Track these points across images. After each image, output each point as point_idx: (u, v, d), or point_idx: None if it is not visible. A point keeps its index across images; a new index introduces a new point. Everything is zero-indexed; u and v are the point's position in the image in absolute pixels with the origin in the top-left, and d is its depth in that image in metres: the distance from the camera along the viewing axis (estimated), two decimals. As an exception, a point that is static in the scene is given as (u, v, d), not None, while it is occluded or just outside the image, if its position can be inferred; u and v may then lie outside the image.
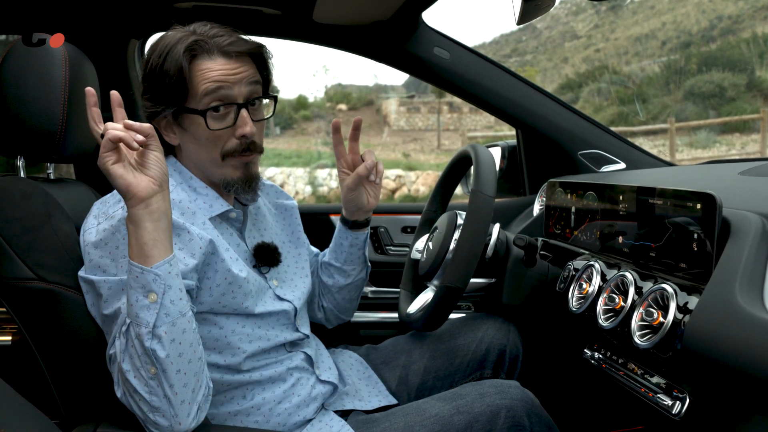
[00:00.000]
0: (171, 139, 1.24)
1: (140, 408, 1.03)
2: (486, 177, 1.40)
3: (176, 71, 1.16)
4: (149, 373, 1.01)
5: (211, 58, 1.18)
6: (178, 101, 1.19)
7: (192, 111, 1.19)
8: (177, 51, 1.17)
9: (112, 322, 1.10)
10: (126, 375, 1.02)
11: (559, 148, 2.09)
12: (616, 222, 1.27)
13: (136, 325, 1.01)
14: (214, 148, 1.22)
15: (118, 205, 1.15)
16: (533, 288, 1.53)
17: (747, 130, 18.12)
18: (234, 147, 1.23)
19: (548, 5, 1.36)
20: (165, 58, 1.17)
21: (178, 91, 1.18)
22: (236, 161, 1.24)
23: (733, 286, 0.93)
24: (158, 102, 1.20)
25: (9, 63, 1.25)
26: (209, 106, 1.19)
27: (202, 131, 1.20)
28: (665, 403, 1.07)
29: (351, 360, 1.56)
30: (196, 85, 1.18)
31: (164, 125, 1.23)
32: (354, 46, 2.06)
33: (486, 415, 1.23)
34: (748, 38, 25.18)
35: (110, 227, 1.12)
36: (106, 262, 1.11)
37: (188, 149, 1.25)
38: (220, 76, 1.18)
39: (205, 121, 1.19)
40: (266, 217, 1.42)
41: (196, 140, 1.22)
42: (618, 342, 1.19)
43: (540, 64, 34.87)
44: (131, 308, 1.02)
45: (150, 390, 1.01)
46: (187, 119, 1.21)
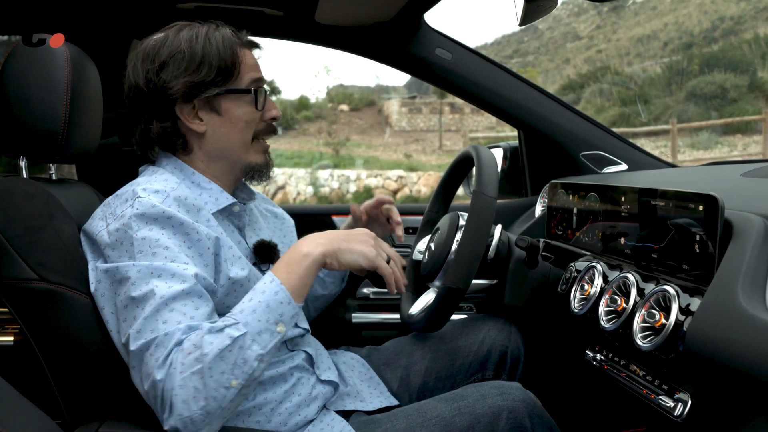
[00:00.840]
0: (197, 126, 1.26)
1: (184, 403, 1.00)
2: (488, 178, 1.40)
3: (229, 54, 1.24)
4: (229, 383, 1.02)
5: (243, 48, 1.29)
6: (224, 81, 1.25)
7: (241, 91, 1.26)
8: (223, 35, 1.25)
9: (137, 306, 1.07)
10: (196, 371, 1.00)
11: (560, 149, 2.09)
12: (618, 223, 1.27)
13: (252, 341, 1.04)
14: (248, 131, 1.30)
15: (126, 205, 1.15)
16: (535, 289, 1.53)
17: (749, 132, 18.10)
18: (263, 129, 1.33)
19: (550, 6, 1.36)
20: (207, 42, 1.23)
21: (227, 72, 1.24)
22: (260, 145, 1.34)
23: (735, 288, 0.93)
24: (202, 84, 1.22)
25: (11, 63, 1.26)
26: (254, 88, 1.28)
27: (244, 112, 1.28)
28: (667, 405, 1.07)
29: (352, 361, 1.56)
30: (242, 70, 1.27)
31: (190, 111, 1.25)
32: (356, 46, 2.06)
33: (488, 417, 1.23)
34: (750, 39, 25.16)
35: (121, 226, 1.13)
36: (125, 261, 1.12)
37: (218, 134, 1.28)
38: (255, 63, 1.31)
39: (255, 100, 1.28)
40: (259, 219, 1.45)
41: (233, 123, 1.28)
42: (620, 343, 1.19)
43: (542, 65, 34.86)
44: (258, 324, 1.06)
45: (216, 396, 1.01)
46: (225, 102, 1.26)
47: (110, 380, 1.17)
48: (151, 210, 1.13)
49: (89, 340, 1.16)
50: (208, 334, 1.02)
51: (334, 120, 25.16)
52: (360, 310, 2.17)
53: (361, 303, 2.18)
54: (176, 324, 1.05)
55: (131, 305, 1.09)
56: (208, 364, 1.00)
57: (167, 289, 1.07)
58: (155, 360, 1.03)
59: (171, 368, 1.02)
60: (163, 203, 1.14)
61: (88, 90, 1.34)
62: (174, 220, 1.13)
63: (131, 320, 1.08)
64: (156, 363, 1.03)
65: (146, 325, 1.06)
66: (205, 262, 1.16)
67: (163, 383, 1.02)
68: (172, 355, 1.03)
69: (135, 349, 1.05)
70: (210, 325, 1.04)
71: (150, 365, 1.04)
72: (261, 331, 1.06)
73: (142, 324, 1.06)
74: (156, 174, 1.25)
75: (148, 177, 1.25)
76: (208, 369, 1.00)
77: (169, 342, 1.04)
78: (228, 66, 1.24)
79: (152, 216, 1.12)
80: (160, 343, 1.04)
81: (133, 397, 1.16)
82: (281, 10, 1.89)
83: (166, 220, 1.13)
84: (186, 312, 1.07)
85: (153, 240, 1.11)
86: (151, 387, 1.03)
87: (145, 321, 1.06)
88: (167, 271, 1.09)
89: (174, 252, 1.11)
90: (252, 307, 1.08)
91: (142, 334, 1.05)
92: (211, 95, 1.24)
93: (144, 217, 1.12)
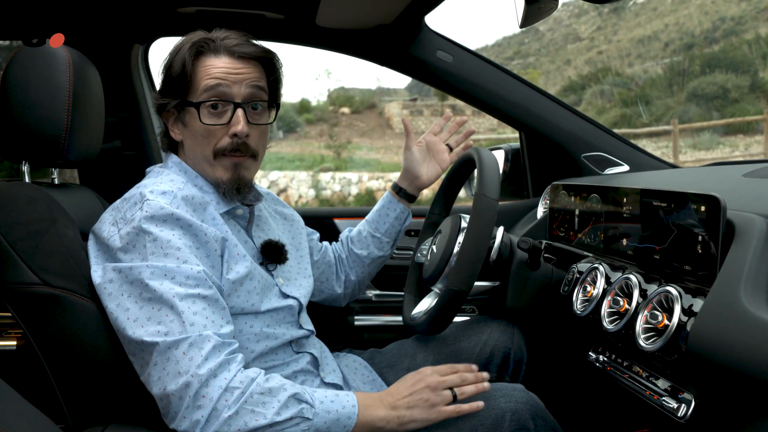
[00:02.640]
0: (175, 135, 1.31)
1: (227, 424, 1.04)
2: (489, 180, 1.40)
3: (181, 65, 1.24)
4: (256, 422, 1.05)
5: (216, 57, 1.26)
6: (181, 95, 1.26)
7: (189, 104, 1.25)
8: (185, 47, 1.25)
9: (155, 306, 1.09)
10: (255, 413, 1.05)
11: (562, 151, 2.09)
12: (620, 224, 1.27)
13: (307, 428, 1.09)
14: (207, 145, 1.26)
15: (135, 208, 1.17)
16: (537, 291, 1.53)
17: (750, 132, 18.07)
18: (225, 146, 1.26)
19: (551, 8, 1.36)
20: (175, 54, 1.26)
21: (181, 84, 1.25)
22: (227, 161, 1.27)
23: (737, 289, 0.93)
24: (165, 95, 1.28)
25: (13, 68, 1.26)
26: (204, 101, 1.24)
27: (198, 125, 1.25)
28: (670, 406, 1.07)
29: (355, 364, 1.56)
30: (198, 81, 1.25)
31: (171, 121, 1.31)
32: (357, 49, 2.06)
33: (491, 419, 1.23)
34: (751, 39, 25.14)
35: (132, 229, 1.14)
36: (137, 263, 1.12)
37: (187, 145, 1.30)
38: (221, 74, 1.24)
39: (198, 115, 1.24)
40: (268, 220, 1.45)
41: (193, 135, 1.27)
42: (623, 345, 1.19)
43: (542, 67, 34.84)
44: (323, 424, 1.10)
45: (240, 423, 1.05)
46: (187, 114, 1.27)
47: (113, 384, 1.17)
48: (160, 212, 1.14)
49: (92, 344, 1.16)
50: (290, 399, 1.09)
51: (336, 123, 25.15)
52: (362, 312, 2.17)
53: (363, 305, 2.18)
54: (203, 328, 1.08)
55: (147, 306, 1.10)
56: (269, 421, 1.05)
57: (184, 291, 1.10)
58: (189, 359, 1.05)
59: (226, 382, 1.05)
60: (171, 204, 1.16)
61: (89, 95, 1.34)
62: (183, 221, 1.15)
63: (150, 319, 1.09)
64: (192, 362, 1.05)
65: (173, 327, 1.07)
66: (212, 264, 1.18)
67: (203, 384, 1.04)
68: (218, 364, 1.06)
69: (160, 347, 1.07)
70: (295, 391, 1.10)
71: (183, 364, 1.05)
72: (318, 429, 1.10)
73: (169, 325, 1.08)
74: (162, 175, 1.27)
75: (154, 178, 1.26)
76: (266, 424, 1.05)
77: (204, 343, 1.06)
78: (179, 78, 1.25)
79: (161, 218, 1.14)
80: (194, 344, 1.06)
81: (136, 400, 1.16)
82: (282, 13, 1.89)
83: (176, 221, 1.15)
84: (208, 316, 1.10)
85: (165, 241, 1.12)
86: (183, 386, 1.04)
87: (168, 319, 1.08)
88: (181, 273, 1.11)
89: (185, 253, 1.13)
90: (328, 408, 1.12)
91: (170, 335, 1.07)
92: (171, 107, 1.28)
93: (154, 219, 1.14)
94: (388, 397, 1.19)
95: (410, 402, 1.19)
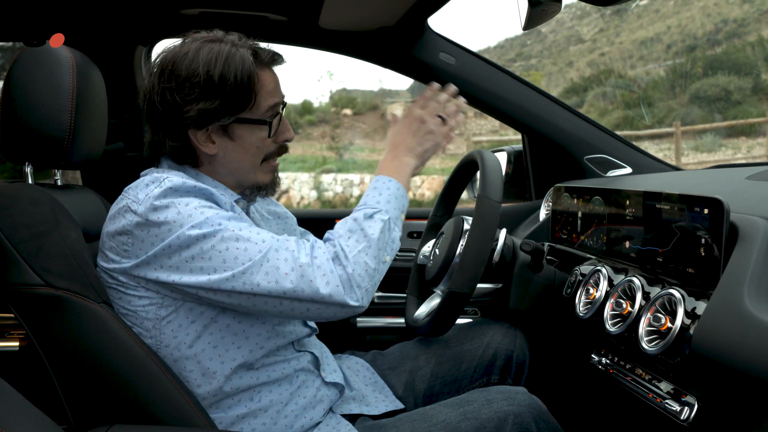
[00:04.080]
0: (209, 149, 1.24)
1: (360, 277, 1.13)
2: (492, 182, 1.40)
3: (246, 81, 1.20)
4: (385, 258, 1.20)
5: (263, 69, 1.25)
6: (241, 109, 1.22)
7: (257, 122, 1.25)
8: (243, 60, 1.20)
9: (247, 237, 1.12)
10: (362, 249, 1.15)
11: (565, 153, 2.09)
12: (622, 227, 1.27)
13: (394, 224, 1.24)
14: (259, 155, 1.29)
15: (152, 187, 1.15)
16: (540, 293, 1.53)
17: (753, 134, 18.05)
18: (274, 151, 1.32)
19: (554, 10, 1.36)
20: (225, 68, 1.18)
21: (244, 99, 1.21)
22: (269, 166, 1.32)
23: (741, 291, 0.93)
24: (215, 110, 1.20)
25: (17, 70, 1.26)
26: (268, 116, 1.26)
27: (257, 139, 1.26)
28: (673, 409, 1.07)
29: (357, 366, 1.56)
30: (260, 95, 1.24)
31: (201, 135, 1.23)
32: (360, 51, 2.06)
33: (493, 422, 1.23)
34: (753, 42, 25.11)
35: (159, 203, 1.13)
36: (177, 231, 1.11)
37: (229, 157, 1.26)
38: (276, 88, 1.28)
39: (269, 131, 1.27)
40: (259, 222, 1.45)
41: (244, 148, 1.26)
42: (625, 347, 1.19)
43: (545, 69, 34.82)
44: (394, 210, 1.25)
45: (378, 269, 1.18)
46: (239, 128, 1.24)
47: (116, 385, 1.17)
48: (183, 186, 1.15)
49: (94, 346, 1.16)
50: (365, 220, 1.19)
51: (338, 124, 25.16)
52: (365, 314, 2.17)
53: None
54: (271, 237, 1.15)
55: (216, 253, 1.11)
56: (375, 243, 1.17)
57: (236, 224, 1.14)
58: (285, 256, 1.12)
59: (326, 254, 1.14)
60: (189, 182, 1.17)
61: (93, 96, 1.35)
62: (205, 191, 1.17)
63: (226, 261, 1.11)
64: (289, 256, 1.12)
65: (250, 247, 1.11)
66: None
67: (313, 267, 1.12)
68: (311, 247, 1.15)
69: (252, 265, 1.10)
70: (362, 212, 1.21)
71: (283, 264, 1.11)
72: (396, 217, 1.25)
73: (244, 252, 1.11)
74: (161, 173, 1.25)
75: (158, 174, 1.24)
76: (375, 247, 1.17)
77: (284, 242, 1.14)
78: (244, 95, 1.21)
79: (185, 189, 1.15)
80: (278, 248, 1.12)
81: (140, 400, 1.16)
82: (285, 15, 1.90)
83: (199, 191, 1.16)
84: (264, 233, 1.15)
85: (197, 204, 1.13)
86: (299, 277, 1.10)
87: (247, 245, 1.11)
88: (223, 217, 1.14)
89: (215, 209, 1.15)
90: (386, 198, 1.25)
91: (251, 252, 1.11)
92: (226, 123, 1.22)
93: (179, 191, 1.14)
94: (402, 149, 1.34)
95: (419, 141, 1.35)
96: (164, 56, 1.22)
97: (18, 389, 0.90)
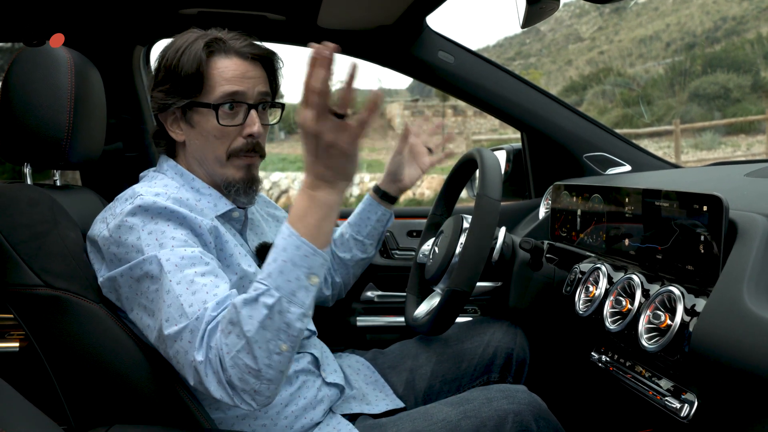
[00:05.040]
0: (177, 135, 1.28)
1: (242, 381, 1.00)
2: (491, 180, 1.40)
3: (195, 65, 1.21)
4: (279, 348, 0.99)
5: (228, 57, 1.24)
6: (192, 95, 1.23)
7: (204, 105, 1.23)
8: (196, 47, 1.23)
9: (160, 297, 1.07)
10: (241, 348, 0.98)
11: (564, 151, 2.09)
12: (622, 224, 1.27)
13: (288, 302, 0.99)
14: (220, 146, 1.26)
15: (126, 204, 1.15)
16: (540, 291, 1.53)
17: (752, 131, 18.07)
18: (240, 146, 1.26)
19: (552, 8, 1.36)
20: (183, 53, 1.22)
21: (194, 85, 1.22)
22: (240, 162, 1.28)
23: (740, 288, 0.93)
24: (170, 95, 1.24)
25: (15, 70, 1.26)
26: (222, 103, 1.23)
27: (212, 127, 1.24)
28: (673, 406, 1.07)
29: (358, 365, 1.56)
30: (213, 82, 1.23)
31: (171, 120, 1.27)
32: (359, 50, 2.06)
33: (494, 420, 1.23)
34: (752, 39, 25.13)
35: (124, 222, 1.12)
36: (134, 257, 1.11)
37: (194, 146, 1.27)
38: (236, 76, 1.24)
39: (216, 116, 1.23)
40: (261, 223, 1.45)
41: (203, 137, 1.25)
42: (625, 345, 1.19)
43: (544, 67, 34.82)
44: (288, 284, 1.00)
45: (270, 364, 0.99)
46: (196, 114, 1.25)
47: (115, 385, 1.17)
48: (153, 205, 1.13)
49: (94, 345, 1.16)
50: (244, 307, 0.99)
51: (337, 124, 25.10)
52: (365, 313, 2.17)
53: (365, 306, 2.18)
54: (202, 305, 1.04)
55: (156, 298, 1.09)
56: (253, 338, 0.98)
57: (181, 273, 1.07)
58: (192, 346, 1.03)
59: (214, 350, 1.01)
60: (166, 201, 1.14)
61: (91, 96, 1.35)
62: (177, 214, 1.13)
63: (159, 312, 1.08)
64: (193, 347, 1.02)
65: (173, 313, 1.05)
66: (208, 252, 1.16)
67: (205, 364, 1.01)
68: (207, 336, 1.02)
69: (168, 337, 1.05)
70: (242, 297, 1.00)
71: (189, 352, 1.03)
72: (294, 291, 1.00)
73: (168, 312, 1.05)
74: (156, 180, 1.26)
75: (148, 182, 1.25)
76: (255, 342, 0.98)
77: (200, 325, 1.03)
78: (192, 78, 1.22)
79: (156, 210, 1.13)
80: (194, 329, 1.03)
81: (140, 400, 1.16)
82: (284, 14, 1.90)
83: (170, 213, 1.13)
84: (208, 291, 1.06)
85: (159, 232, 1.11)
86: (195, 372, 1.03)
87: (170, 309, 1.05)
88: (176, 255, 1.08)
89: (180, 240, 1.11)
90: (278, 268, 1.01)
91: (171, 322, 1.05)
92: (179, 107, 1.24)
93: (148, 212, 1.12)
94: (310, 178, 1.02)
95: (324, 162, 1.00)
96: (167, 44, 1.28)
97: (18, 390, 0.90)
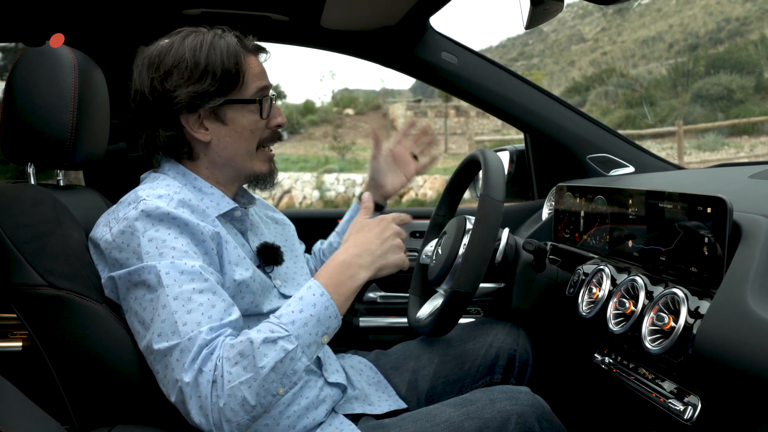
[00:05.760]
0: (202, 135, 1.26)
1: (233, 411, 1.02)
2: (495, 181, 1.39)
3: (233, 62, 1.23)
4: (277, 391, 1.06)
5: (250, 54, 1.28)
6: (228, 92, 1.24)
7: (247, 101, 1.26)
8: (228, 43, 1.24)
9: (154, 308, 1.08)
10: (246, 380, 1.02)
11: (567, 152, 2.09)
12: (625, 226, 1.27)
13: (302, 353, 1.07)
14: (252, 139, 1.30)
15: (129, 208, 1.16)
16: (543, 292, 1.53)
17: (755, 133, 18.03)
18: (267, 136, 1.33)
19: (556, 9, 1.36)
20: (211, 51, 1.22)
21: (232, 81, 1.23)
22: (264, 154, 1.34)
23: (744, 291, 0.92)
24: (204, 94, 1.22)
25: (19, 70, 1.26)
26: (262, 97, 1.27)
27: (249, 122, 1.27)
28: (677, 409, 1.07)
29: (360, 365, 1.56)
30: (247, 78, 1.26)
31: (194, 121, 1.25)
32: (362, 51, 2.06)
33: (496, 421, 1.23)
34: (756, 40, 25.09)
35: (127, 228, 1.13)
36: (134, 263, 1.12)
37: (223, 143, 1.28)
38: (262, 71, 1.30)
39: (260, 111, 1.27)
40: (260, 224, 1.45)
41: (237, 133, 1.27)
42: (629, 347, 1.19)
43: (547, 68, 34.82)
44: (308, 337, 1.08)
45: (264, 404, 1.05)
46: (230, 111, 1.26)
47: (118, 385, 1.17)
48: (156, 211, 1.13)
49: (97, 346, 1.16)
50: (262, 345, 1.04)
51: (340, 124, 25.19)
52: (367, 314, 2.17)
53: (368, 307, 2.18)
54: (196, 326, 1.05)
55: (149, 307, 1.09)
56: (264, 377, 1.03)
57: (178, 288, 1.07)
58: (181, 365, 1.03)
59: (207, 375, 1.02)
60: (168, 205, 1.15)
61: (95, 96, 1.35)
62: (179, 220, 1.14)
63: (152, 324, 1.08)
64: (182, 367, 1.03)
65: (166, 329, 1.06)
66: (210, 261, 1.16)
67: (192, 387, 1.02)
68: (201, 361, 1.03)
69: (158, 352, 1.06)
70: (262, 336, 1.05)
71: (176, 370, 1.04)
72: (310, 344, 1.09)
73: (161, 327, 1.06)
74: (158, 180, 1.25)
75: (150, 183, 1.24)
76: (263, 379, 1.03)
77: (192, 346, 1.04)
78: (232, 75, 1.23)
79: (157, 217, 1.13)
80: (184, 348, 1.04)
81: (143, 400, 1.16)
82: (287, 15, 1.90)
83: (171, 220, 1.13)
84: (204, 311, 1.07)
85: (160, 240, 1.11)
86: (179, 391, 1.04)
87: (164, 324, 1.06)
88: (176, 269, 1.09)
89: (181, 251, 1.11)
90: (303, 319, 1.09)
91: (163, 337, 1.06)
92: (216, 105, 1.24)
93: (150, 218, 1.13)
94: (361, 255, 1.20)
95: (382, 251, 1.22)
96: (149, 51, 1.26)
97: (21, 389, 0.90)
